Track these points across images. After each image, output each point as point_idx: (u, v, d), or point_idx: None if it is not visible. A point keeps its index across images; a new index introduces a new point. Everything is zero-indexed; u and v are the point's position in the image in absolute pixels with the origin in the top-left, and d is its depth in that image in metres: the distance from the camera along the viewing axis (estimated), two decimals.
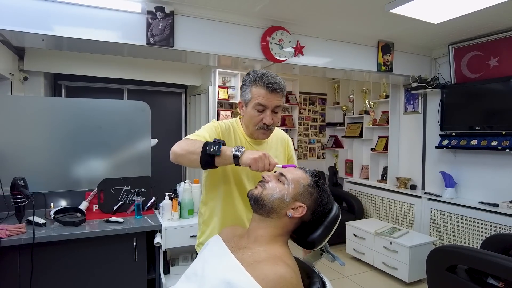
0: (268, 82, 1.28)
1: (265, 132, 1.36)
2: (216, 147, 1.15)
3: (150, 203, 2.54)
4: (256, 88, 1.30)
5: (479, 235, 3.09)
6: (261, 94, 1.29)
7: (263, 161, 1.12)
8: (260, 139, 1.40)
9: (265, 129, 1.34)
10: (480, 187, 3.31)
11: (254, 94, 1.31)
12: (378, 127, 4.41)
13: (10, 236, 1.87)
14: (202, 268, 1.05)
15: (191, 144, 1.21)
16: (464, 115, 3.36)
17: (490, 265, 2.03)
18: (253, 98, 1.31)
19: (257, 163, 1.11)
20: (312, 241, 1.11)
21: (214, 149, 1.14)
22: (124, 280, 2.16)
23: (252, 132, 1.38)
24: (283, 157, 1.52)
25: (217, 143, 1.16)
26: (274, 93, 1.29)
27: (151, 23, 2.44)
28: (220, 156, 1.15)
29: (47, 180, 2.48)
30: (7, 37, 2.31)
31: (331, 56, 3.21)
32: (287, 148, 1.55)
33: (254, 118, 1.33)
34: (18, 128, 2.44)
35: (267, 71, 1.33)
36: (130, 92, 4.56)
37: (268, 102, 1.30)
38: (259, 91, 1.30)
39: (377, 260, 3.47)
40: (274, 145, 1.48)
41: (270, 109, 1.31)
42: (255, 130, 1.35)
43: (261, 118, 1.32)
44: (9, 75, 3.18)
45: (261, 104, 1.30)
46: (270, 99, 1.30)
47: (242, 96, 1.37)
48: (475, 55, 3.29)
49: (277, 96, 1.31)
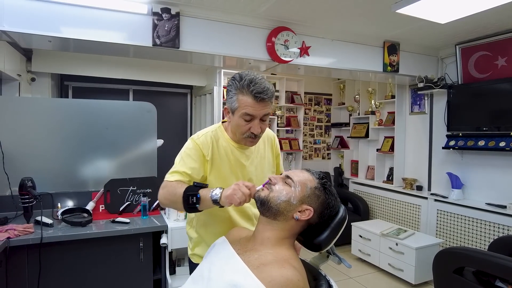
0: (256, 91, 1.20)
1: (252, 141, 1.31)
2: (194, 198, 1.13)
3: (156, 203, 2.55)
4: (243, 97, 1.22)
5: (487, 237, 3.06)
6: (248, 104, 1.21)
7: (238, 192, 1.06)
8: (248, 145, 1.35)
9: (253, 137, 1.29)
10: (487, 188, 3.27)
11: (241, 103, 1.22)
12: (384, 128, 4.38)
13: (19, 236, 1.89)
14: (208, 271, 1.05)
15: (172, 193, 1.19)
16: (471, 116, 3.32)
17: (498, 267, 2.01)
18: (240, 107, 1.23)
19: (233, 199, 1.06)
20: (319, 243, 1.11)
21: (193, 201, 1.13)
22: (130, 280, 2.17)
23: (239, 140, 1.33)
24: (271, 156, 1.49)
25: (195, 193, 1.13)
26: (262, 102, 1.22)
27: (157, 24, 2.45)
28: (201, 204, 1.14)
29: (54, 180, 2.50)
30: (15, 39, 2.33)
31: (337, 56, 3.20)
32: (274, 146, 1.52)
33: (241, 127, 1.27)
34: (26, 129, 2.47)
35: (254, 75, 1.24)
36: (136, 93, 4.58)
37: (256, 112, 1.22)
38: (246, 100, 1.21)
39: (383, 261, 3.45)
40: (261, 146, 1.44)
41: (258, 118, 1.24)
42: (243, 138, 1.30)
43: (248, 127, 1.26)
44: (17, 76, 3.22)
45: (249, 114, 1.23)
46: (258, 108, 1.22)
47: (228, 102, 1.29)
48: (482, 55, 3.26)
49: (265, 105, 1.23)
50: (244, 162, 1.37)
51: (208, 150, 1.32)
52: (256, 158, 1.41)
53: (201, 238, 1.42)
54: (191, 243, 1.48)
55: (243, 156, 1.37)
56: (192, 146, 1.31)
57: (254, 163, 1.40)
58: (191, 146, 1.32)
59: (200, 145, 1.31)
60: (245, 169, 1.37)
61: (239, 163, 1.36)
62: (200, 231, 1.42)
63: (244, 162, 1.37)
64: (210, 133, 1.36)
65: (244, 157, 1.37)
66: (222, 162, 1.34)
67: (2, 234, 1.85)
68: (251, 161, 1.39)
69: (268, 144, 1.48)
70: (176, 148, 1.26)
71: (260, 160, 1.43)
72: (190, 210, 1.17)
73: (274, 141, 1.52)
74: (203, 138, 1.33)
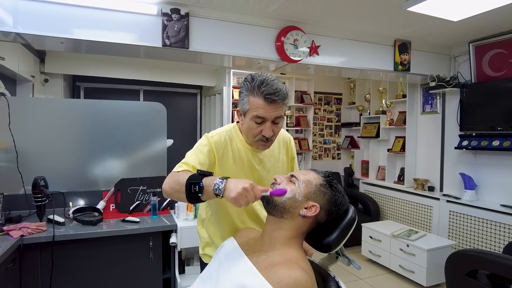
0: (266, 92, 1.16)
1: (265, 144, 1.27)
2: (197, 187, 1.05)
3: (165, 203, 2.57)
4: (253, 98, 1.19)
5: (501, 240, 2.99)
6: (259, 106, 1.18)
7: (245, 197, 0.98)
8: (260, 149, 1.31)
9: (265, 141, 1.25)
10: (502, 190, 3.19)
11: (252, 105, 1.19)
12: (395, 128, 4.32)
13: (32, 234, 1.93)
14: (217, 272, 1.05)
15: (176, 182, 1.13)
16: (485, 115, 3.25)
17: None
18: (251, 109, 1.20)
19: (238, 201, 0.98)
20: (328, 244, 1.10)
21: (195, 190, 1.06)
22: (139, 279, 2.19)
23: (251, 143, 1.31)
24: (286, 159, 1.46)
25: (198, 182, 1.06)
26: (273, 104, 1.17)
27: (167, 25, 2.47)
28: (203, 194, 1.06)
29: (66, 179, 2.54)
30: (29, 40, 2.38)
31: (347, 55, 3.17)
32: (289, 149, 1.48)
33: (253, 130, 1.23)
34: (39, 129, 2.51)
35: (266, 76, 1.20)
36: (146, 93, 4.63)
37: (267, 114, 1.18)
38: (257, 102, 1.18)
39: (393, 263, 3.40)
40: (276, 149, 1.41)
41: (269, 121, 1.20)
42: (254, 141, 1.27)
43: (260, 130, 1.22)
44: (31, 78, 3.28)
45: (259, 117, 1.19)
46: (269, 110, 1.18)
47: (240, 104, 1.27)
48: (497, 53, 3.18)
49: (277, 107, 1.19)
50: (256, 165, 1.35)
51: (220, 150, 1.30)
52: (270, 162, 1.38)
53: (211, 239, 1.42)
54: (201, 243, 1.48)
55: (256, 159, 1.35)
56: (206, 143, 1.29)
57: (266, 167, 1.37)
58: (205, 143, 1.30)
59: (213, 144, 1.29)
60: (257, 172, 1.35)
61: (251, 166, 1.34)
62: (211, 232, 1.42)
63: (257, 165, 1.35)
64: (225, 133, 1.33)
65: (257, 160, 1.35)
66: (234, 163, 1.31)
67: (16, 232, 1.89)
68: (263, 165, 1.36)
69: (284, 146, 1.45)
70: (186, 148, 1.27)
71: (274, 164, 1.40)
72: (193, 200, 1.10)
73: (289, 143, 1.48)
74: (217, 137, 1.31)
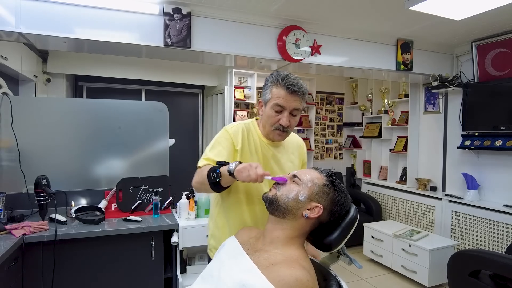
0: (289, 83, 1.29)
1: (281, 134, 1.35)
2: (214, 173, 1.18)
3: (167, 202, 2.57)
4: (276, 89, 1.32)
5: (504, 240, 2.97)
6: (280, 95, 1.30)
7: (248, 171, 1.08)
8: (275, 140, 1.40)
9: (281, 130, 1.34)
10: (505, 190, 3.17)
11: (274, 95, 1.32)
12: (397, 127, 4.31)
13: (34, 232, 1.94)
14: (218, 270, 1.05)
15: (200, 175, 1.27)
16: (488, 115, 3.24)
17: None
18: (272, 98, 1.32)
19: (241, 174, 1.09)
20: (329, 243, 1.10)
21: (214, 176, 1.18)
22: (141, 278, 2.20)
23: (268, 133, 1.38)
24: (298, 162, 1.51)
25: (215, 169, 1.18)
26: (293, 95, 1.30)
27: (169, 25, 2.47)
28: (222, 179, 1.17)
29: (68, 179, 2.55)
30: (31, 40, 2.38)
31: (349, 55, 3.16)
32: (302, 154, 1.54)
33: (271, 118, 1.33)
34: (41, 129, 2.52)
35: (290, 73, 1.34)
36: (149, 93, 4.63)
37: (287, 103, 1.30)
38: (279, 92, 1.31)
39: (395, 263, 3.39)
40: (290, 149, 1.48)
41: (288, 110, 1.31)
42: (271, 130, 1.35)
43: (278, 119, 1.32)
44: (34, 77, 3.30)
45: (279, 105, 1.30)
46: (289, 100, 1.30)
47: (262, 95, 1.39)
48: (500, 52, 3.17)
49: (296, 99, 1.31)
50: (270, 159, 1.40)
51: (238, 140, 1.37)
52: (282, 159, 1.44)
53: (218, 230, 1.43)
54: (208, 235, 1.50)
55: (270, 153, 1.41)
56: (224, 135, 1.38)
57: (280, 163, 1.43)
58: (223, 135, 1.38)
59: (232, 135, 1.37)
60: (270, 167, 1.40)
61: (266, 160, 1.40)
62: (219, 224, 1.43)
63: (270, 160, 1.41)
64: (243, 125, 1.42)
65: (271, 154, 1.41)
66: (250, 154, 1.38)
67: (18, 231, 1.90)
68: (276, 160, 1.42)
69: (297, 149, 1.52)
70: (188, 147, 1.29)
71: (285, 163, 1.44)
72: (215, 188, 1.21)
73: (302, 148, 1.55)
74: (235, 128, 1.40)
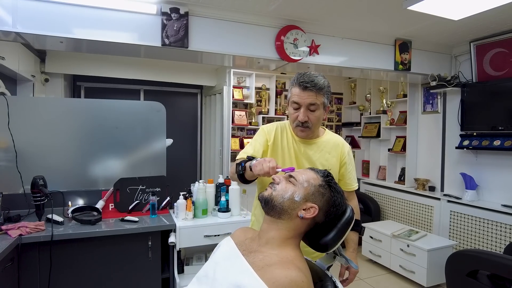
0: (301, 80, 1.38)
1: (302, 130, 1.44)
2: (239, 167, 1.33)
3: (165, 202, 2.56)
4: (293, 88, 1.43)
5: (502, 240, 2.97)
6: (295, 93, 1.41)
7: (261, 164, 1.20)
8: (299, 136, 1.49)
9: (301, 126, 1.42)
10: (503, 190, 3.17)
11: (292, 93, 1.43)
12: (396, 127, 4.31)
13: (30, 233, 1.92)
14: (213, 271, 1.04)
15: (233, 167, 1.42)
16: (486, 115, 3.24)
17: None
18: (291, 96, 1.44)
19: (255, 167, 1.22)
20: (325, 244, 1.09)
21: (239, 170, 1.33)
22: (138, 278, 2.19)
23: (293, 130, 1.49)
24: (335, 162, 1.53)
25: (241, 163, 1.33)
26: (306, 91, 1.37)
27: (166, 24, 2.46)
28: (245, 172, 1.32)
29: (65, 179, 2.54)
30: (28, 40, 2.38)
31: (347, 55, 3.16)
32: (341, 154, 1.54)
33: (291, 115, 1.45)
34: (39, 129, 2.51)
35: (310, 72, 1.43)
36: (147, 93, 4.63)
37: (301, 99, 1.39)
38: (295, 90, 1.41)
39: (394, 263, 3.39)
40: (327, 148, 1.52)
41: (304, 106, 1.39)
42: (294, 127, 1.46)
43: (297, 115, 1.42)
44: (31, 77, 3.29)
45: (295, 102, 1.41)
46: (303, 96, 1.38)
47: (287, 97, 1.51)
48: (498, 52, 3.17)
49: (310, 94, 1.38)
50: (301, 156, 1.50)
51: (272, 136, 1.51)
52: (315, 156, 1.50)
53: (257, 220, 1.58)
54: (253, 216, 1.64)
55: (301, 150, 1.50)
56: (260, 132, 1.56)
57: (310, 160, 1.49)
58: (260, 132, 1.57)
59: (267, 132, 1.53)
60: (301, 163, 1.49)
61: (297, 156, 1.50)
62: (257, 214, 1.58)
63: (301, 156, 1.50)
64: (278, 123, 1.57)
65: (302, 151, 1.50)
66: (282, 150, 1.51)
67: (15, 231, 1.88)
68: (308, 157, 1.49)
69: (335, 150, 1.54)
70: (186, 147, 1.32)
71: (317, 160, 1.49)
72: (241, 179, 1.36)
73: (342, 149, 1.56)
74: (270, 126, 1.56)
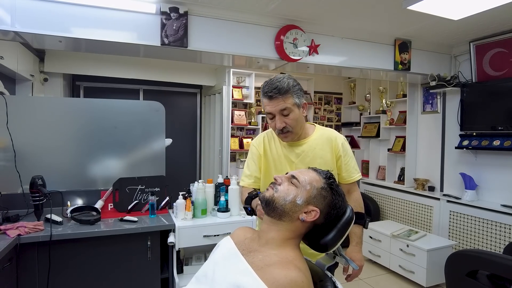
0: (265, 90, 1.38)
1: (285, 135, 1.45)
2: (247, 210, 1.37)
3: (164, 202, 2.56)
4: (263, 99, 1.43)
5: (502, 240, 2.97)
6: (265, 103, 1.41)
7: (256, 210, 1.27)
8: (284, 141, 1.50)
9: (282, 133, 1.43)
10: (503, 190, 3.17)
11: (263, 105, 1.45)
12: (395, 127, 4.30)
13: (29, 233, 1.92)
14: (212, 271, 1.04)
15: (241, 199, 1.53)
16: (486, 115, 3.23)
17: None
18: (264, 108, 1.44)
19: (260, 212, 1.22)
20: (325, 244, 1.09)
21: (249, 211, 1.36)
22: (137, 278, 2.18)
23: (278, 137, 1.51)
24: (330, 157, 1.51)
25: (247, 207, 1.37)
26: (273, 99, 1.37)
27: (165, 24, 2.46)
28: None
29: (64, 179, 2.53)
30: (27, 39, 2.37)
31: (347, 54, 3.16)
32: (335, 147, 1.52)
33: (270, 125, 1.47)
34: (37, 128, 2.50)
35: (275, 77, 1.40)
36: (146, 93, 4.62)
37: (272, 108, 1.39)
38: (264, 101, 1.42)
39: (393, 263, 3.39)
40: (319, 145, 1.51)
41: (277, 114, 1.39)
42: (277, 135, 1.48)
43: (274, 124, 1.42)
44: (30, 77, 3.28)
45: (268, 112, 1.42)
46: (272, 105, 1.38)
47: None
48: (498, 52, 3.16)
49: (277, 101, 1.37)
50: (293, 159, 1.51)
51: (261, 148, 1.57)
52: (308, 157, 1.50)
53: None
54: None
55: (293, 153, 1.51)
56: (251, 150, 1.61)
57: (305, 160, 1.49)
58: (250, 149, 1.62)
59: (256, 146, 1.59)
60: (294, 165, 1.50)
61: (289, 160, 1.52)
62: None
63: (294, 159, 1.51)
64: (264, 133, 1.61)
65: (294, 154, 1.51)
66: (272, 157, 1.54)
67: (13, 231, 1.88)
68: (301, 158, 1.50)
69: (328, 144, 1.52)
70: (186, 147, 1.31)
71: (312, 159, 1.49)
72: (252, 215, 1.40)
73: (335, 142, 1.53)
74: (258, 139, 1.60)
